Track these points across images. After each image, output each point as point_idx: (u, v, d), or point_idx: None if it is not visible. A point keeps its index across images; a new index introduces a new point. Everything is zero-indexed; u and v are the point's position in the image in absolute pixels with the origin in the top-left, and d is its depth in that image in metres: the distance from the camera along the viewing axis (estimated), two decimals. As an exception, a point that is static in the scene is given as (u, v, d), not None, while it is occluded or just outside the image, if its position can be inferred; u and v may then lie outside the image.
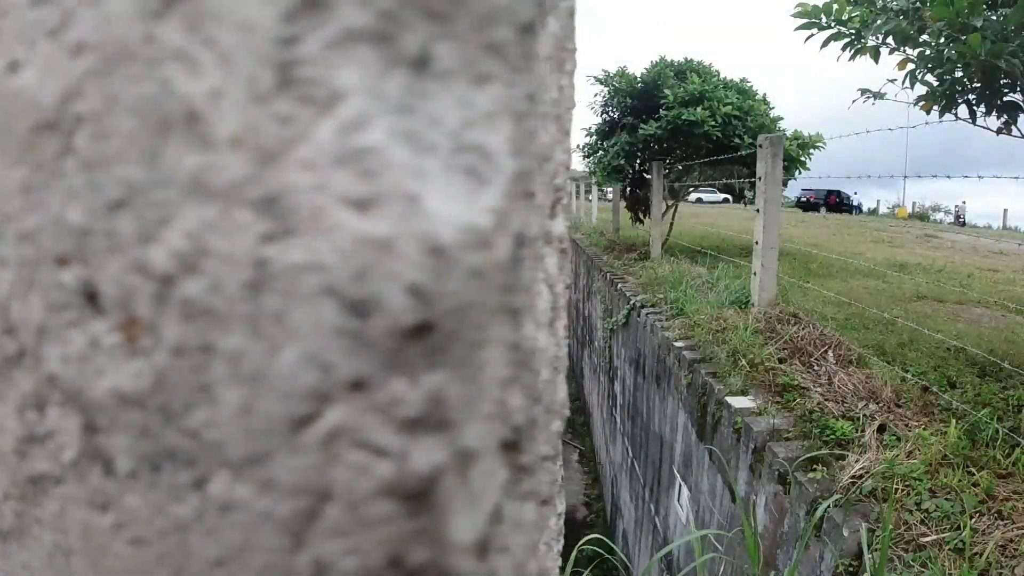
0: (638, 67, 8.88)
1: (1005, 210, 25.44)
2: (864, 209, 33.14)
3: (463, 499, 0.20)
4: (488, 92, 0.19)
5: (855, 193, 32.70)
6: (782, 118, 8.04)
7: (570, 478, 11.30)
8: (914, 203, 34.59)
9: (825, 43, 2.98)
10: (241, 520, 0.20)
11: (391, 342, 0.18)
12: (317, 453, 0.19)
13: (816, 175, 14.00)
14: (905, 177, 7.77)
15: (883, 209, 34.58)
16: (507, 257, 0.20)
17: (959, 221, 26.58)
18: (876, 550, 2.07)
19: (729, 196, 21.93)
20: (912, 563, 1.96)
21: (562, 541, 0.44)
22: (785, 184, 9.28)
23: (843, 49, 2.95)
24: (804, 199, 30.49)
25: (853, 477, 2.36)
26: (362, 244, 0.18)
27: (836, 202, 30.08)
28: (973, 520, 2.13)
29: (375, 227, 0.18)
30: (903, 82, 2.91)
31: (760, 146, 3.97)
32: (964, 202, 27.57)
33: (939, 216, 33.01)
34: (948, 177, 2.79)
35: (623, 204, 10.67)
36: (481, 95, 0.19)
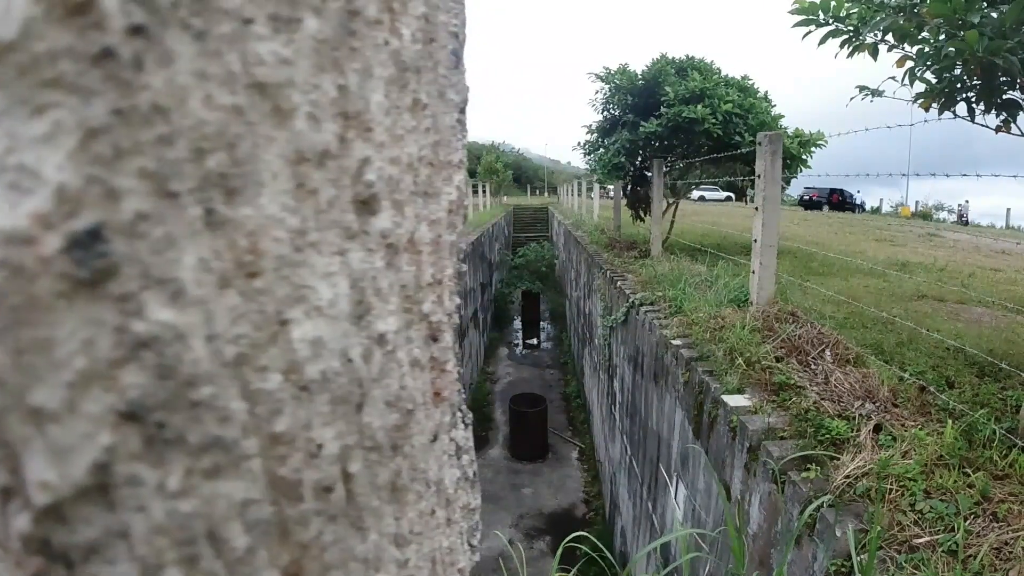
0: (640, 64, 8.87)
1: (1008, 209, 25.30)
2: (867, 208, 33.06)
3: (40, 446, 0.24)
4: (46, 119, 0.23)
5: (858, 192, 32.62)
6: (783, 116, 8.01)
7: (570, 475, 11.33)
8: (917, 202, 34.52)
9: (823, 40, 2.95)
10: None
11: None
12: None
13: (819, 173, 13.97)
14: (907, 175, 7.73)
15: (886, 208, 34.51)
16: (59, 251, 0.24)
17: (962, 220, 26.48)
18: (867, 551, 2.06)
19: (732, 194, 21.92)
20: (905, 564, 1.95)
21: (460, 529, 0.45)
22: (788, 182, 9.26)
23: (841, 46, 2.92)
24: (807, 197, 30.44)
25: (847, 477, 2.34)
26: None
27: (839, 200, 30.01)
28: (968, 522, 2.10)
29: None
30: (902, 79, 2.89)
31: (759, 143, 3.95)
32: (967, 201, 27.46)
33: (943, 215, 32.92)
34: (947, 176, 2.77)
35: (624, 202, 10.66)
36: (36, 124, 0.23)
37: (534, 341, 20.47)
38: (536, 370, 17.40)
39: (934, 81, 2.75)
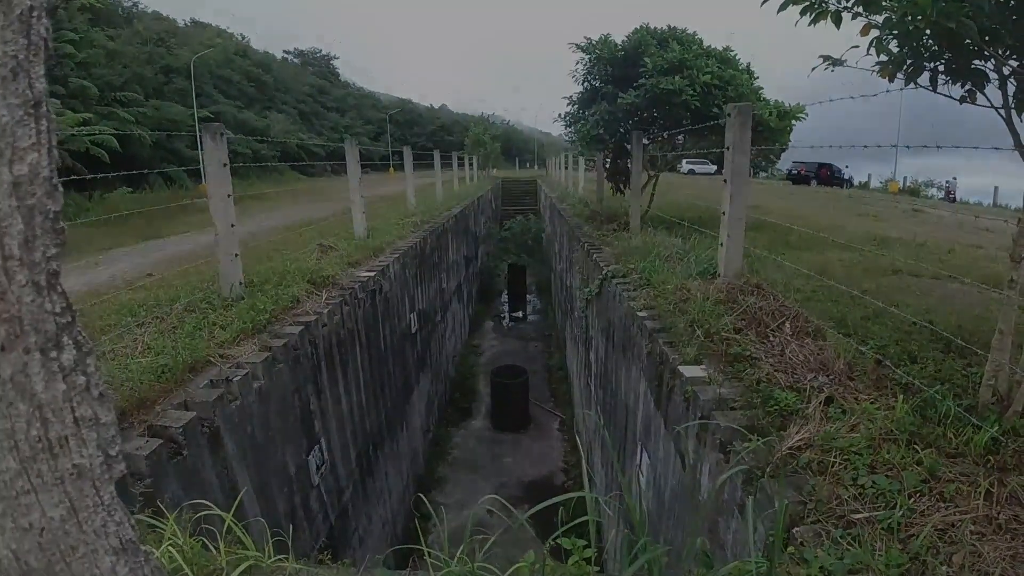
0: (623, 35, 8.69)
1: (996, 187, 25.26)
2: (855, 183, 33.00)
3: None
4: None
5: (846, 167, 32.53)
6: (762, 88, 7.89)
7: (550, 445, 11.41)
8: (905, 178, 34.43)
9: (783, 6, 2.86)
10: None
11: None
12: None
13: (807, 145, 13.90)
14: (897, 147, 7.65)
15: (875, 183, 34.44)
16: None
17: (949, 197, 26.50)
18: (809, 523, 2.04)
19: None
20: (841, 540, 1.92)
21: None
22: (778, 156, 9.16)
23: (801, 13, 2.84)
24: (795, 172, 30.44)
25: (792, 449, 2.32)
26: None
27: (827, 175, 30.01)
28: (912, 500, 2.05)
29: None
30: (868, 48, 2.81)
31: (728, 115, 3.89)
32: (955, 178, 27.42)
33: (932, 191, 32.87)
34: (936, 147, 2.70)
35: (605, 174, 10.57)
36: None
37: (520, 314, 20.48)
38: (521, 342, 17.44)
39: (896, 51, 2.69)
